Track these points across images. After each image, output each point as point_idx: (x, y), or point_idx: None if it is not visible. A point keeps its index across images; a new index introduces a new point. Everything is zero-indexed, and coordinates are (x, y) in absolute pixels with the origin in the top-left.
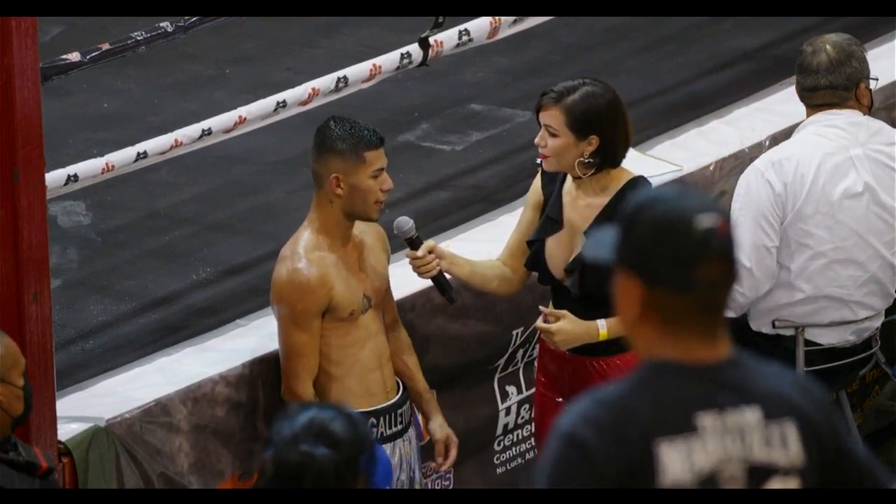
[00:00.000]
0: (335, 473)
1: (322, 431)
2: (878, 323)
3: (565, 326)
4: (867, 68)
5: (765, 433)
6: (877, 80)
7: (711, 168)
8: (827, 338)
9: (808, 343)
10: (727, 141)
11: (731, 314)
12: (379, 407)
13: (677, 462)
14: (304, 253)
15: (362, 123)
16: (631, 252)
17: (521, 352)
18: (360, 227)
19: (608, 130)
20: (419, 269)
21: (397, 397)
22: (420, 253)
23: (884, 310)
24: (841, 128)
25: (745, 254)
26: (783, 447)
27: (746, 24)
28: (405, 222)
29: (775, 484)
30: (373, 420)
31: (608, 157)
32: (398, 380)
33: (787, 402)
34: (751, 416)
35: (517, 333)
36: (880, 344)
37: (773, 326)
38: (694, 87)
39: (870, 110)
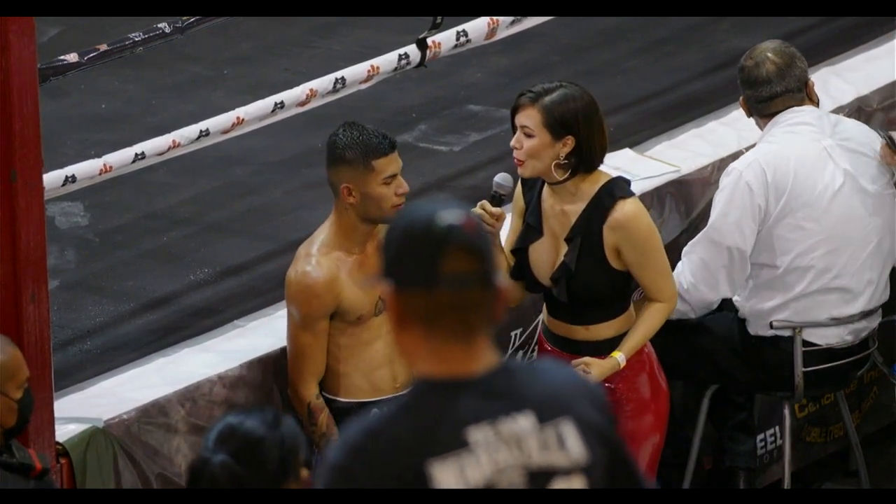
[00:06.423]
0: (231, 480)
1: (227, 438)
2: (875, 323)
3: (594, 372)
4: (806, 65)
5: (541, 437)
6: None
7: (709, 169)
8: (825, 338)
9: (805, 344)
10: (725, 142)
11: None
12: (384, 397)
13: (451, 480)
14: (317, 255)
15: (372, 129)
16: (384, 261)
17: (519, 353)
18: None
19: (584, 132)
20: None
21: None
22: (496, 212)
23: (880, 310)
24: (809, 122)
25: (689, 267)
26: (561, 448)
27: (744, 25)
28: (507, 181)
29: (558, 485)
30: (375, 410)
31: (583, 161)
32: None
33: (562, 401)
34: (524, 422)
35: (516, 335)
36: (878, 344)
37: (771, 327)
38: (692, 87)
39: (817, 106)
